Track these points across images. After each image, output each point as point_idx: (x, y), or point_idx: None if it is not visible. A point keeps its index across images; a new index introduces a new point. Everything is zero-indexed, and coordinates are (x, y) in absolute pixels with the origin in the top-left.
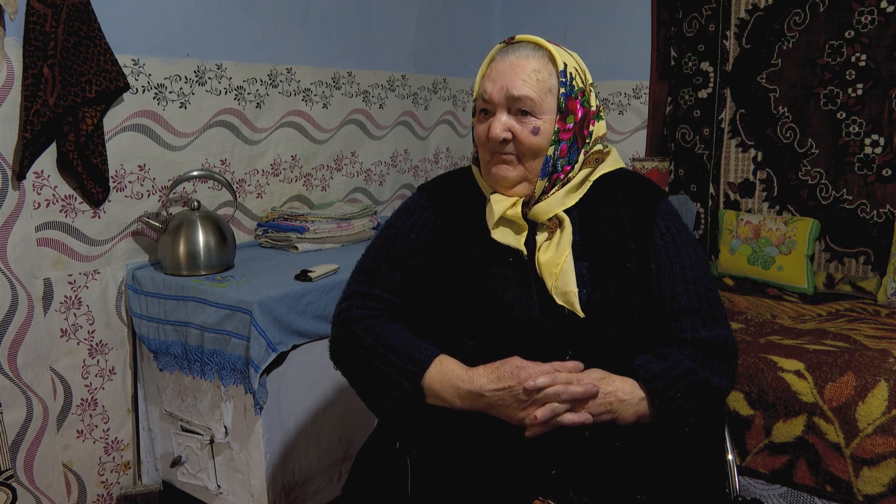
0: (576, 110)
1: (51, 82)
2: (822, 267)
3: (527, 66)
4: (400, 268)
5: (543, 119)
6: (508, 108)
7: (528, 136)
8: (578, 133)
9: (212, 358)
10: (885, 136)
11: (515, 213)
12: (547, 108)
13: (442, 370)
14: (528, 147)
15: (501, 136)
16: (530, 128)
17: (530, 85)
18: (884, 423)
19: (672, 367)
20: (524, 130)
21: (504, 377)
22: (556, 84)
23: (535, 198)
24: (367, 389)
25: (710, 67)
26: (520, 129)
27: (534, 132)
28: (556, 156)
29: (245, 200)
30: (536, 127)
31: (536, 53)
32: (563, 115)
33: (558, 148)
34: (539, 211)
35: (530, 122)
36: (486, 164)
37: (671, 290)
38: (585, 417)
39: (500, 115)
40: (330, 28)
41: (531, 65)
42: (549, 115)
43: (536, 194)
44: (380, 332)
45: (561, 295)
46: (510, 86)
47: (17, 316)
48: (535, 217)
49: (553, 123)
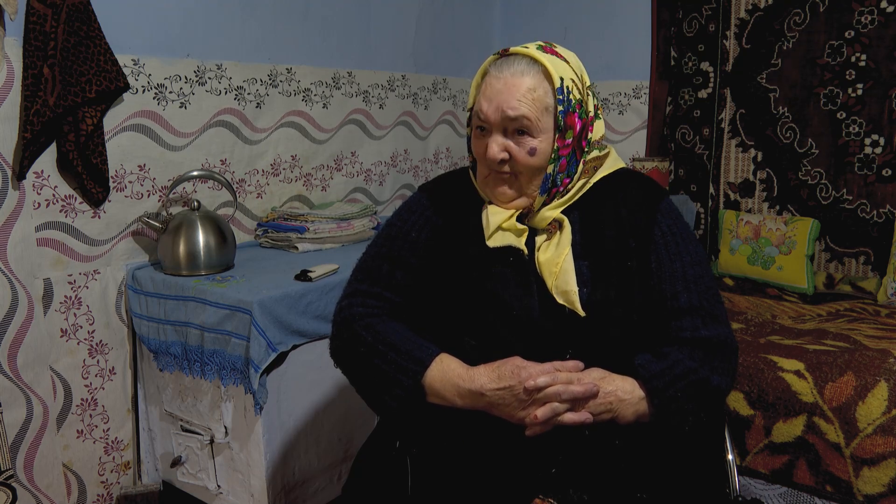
0: (574, 125)
1: (51, 82)
2: (822, 267)
3: (521, 86)
4: (401, 267)
5: (541, 139)
6: (505, 128)
7: (525, 157)
8: (577, 146)
9: (212, 358)
10: (885, 136)
11: (511, 225)
12: (544, 126)
13: (443, 369)
14: (526, 167)
15: (499, 157)
16: (527, 149)
17: (526, 105)
18: (884, 423)
19: (672, 367)
20: (521, 151)
21: (505, 377)
22: (553, 102)
23: (533, 210)
24: (368, 387)
25: (710, 67)
26: (517, 150)
27: (531, 153)
28: (555, 172)
29: (245, 200)
30: (533, 148)
31: (531, 69)
32: (562, 131)
33: (557, 164)
34: (538, 219)
35: (527, 142)
36: (484, 178)
37: (671, 289)
38: (586, 417)
39: (497, 136)
40: (330, 28)
41: (526, 83)
42: (546, 135)
43: (535, 208)
44: (381, 330)
45: (561, 294)
46: (506, 106)
47: (17, 316)
48: (533, 224)
49: (551, 142)
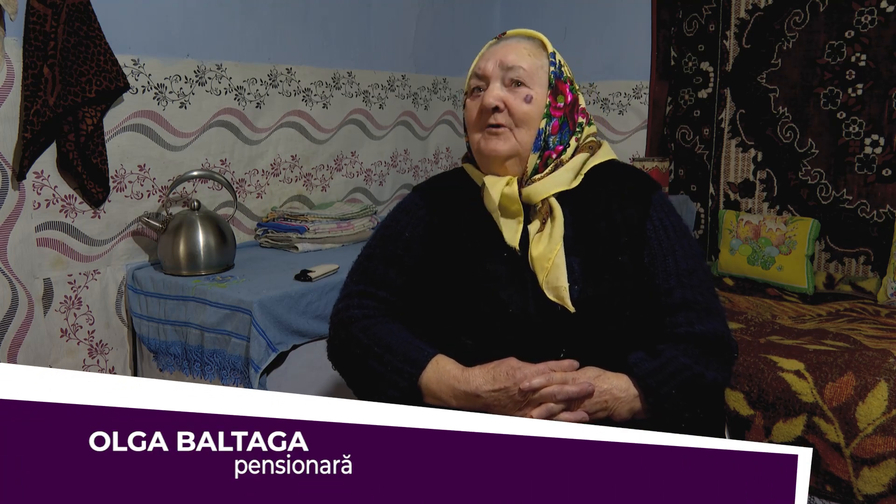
0: (565, 93)
1: (51, 82)
2: (822, 267)
3: (519, 45)
4: (396, 267)
5: (535, 91)
6: (502, 78)
7: (520, 103)
8: (569, 116)
9: (212, 358)
10: (885, 136)
11: (512, 192)
12: (538, 80)
13: (438, 370)
14: (520, 116)
15: (494, 102)
16: (523, 96)
17: (524, 58)
18: (884, 423)
19: (666, 364)
20: (516, 99)
21: (500, 378)
22: (547, 63)
23: (527, 175)
24: (365, 389)
25: (710, 67)
26: (512, 98)
27: (526, 100)
28: (547, 131)
29: (245, 200)
30: (529, 95)
31: (527, 39)
32: (554, 92)
33: (550, 123)
34: (534, 191)
35: (523, 91)
36: (477, 143)
37: (665, 284)
38: (581, 416)
39: (494, 85)
40: (330, 28)
41: (523, 44)
42: (540, 89)
43: (528, 170)
44: (377, 331)
45: (552, 290)
46: (503, 58)
47: (17, 316)
48: (528, 198)
49: (545, 97)
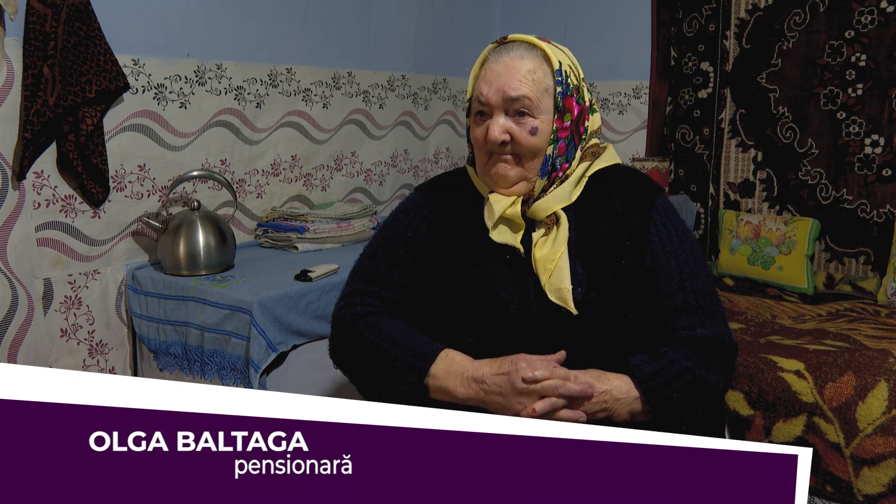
0: (572, 108)
1: (51, 82)
2: (822, 267)
3: (522, 67)
4: (398, 266)
5: (541, 119)
6: (506, 109)
7: (526, 137)
8: (575, 130)
9: (212, 358)
10: (885, 136)
11: (514, 212)
12: (544, 107)
13: (448, 361)
14: (527, 148)
15: (500, 138)
16: (528, 128)
17: (527, 85)
18: (884, 423)
19: (667, 367)
20: (522, 132)
21: (504, 364)
22: (552, 84)
23: (533, 196)
24: (370, 386)
25: (710, 67)
26: (518, 130)
27: (532, 133)
28: (554, 154)
29: (245, 200)
30: (535, 127)
31: (530, 53)
32: (561, 113)
33: (556, 147)
34: (538, 209)
35: (528, 122)
36: (484, 165)
37: (667, 288)
38: (580, 415)
39: (498, 118)
40: (330, 28)
41: (526, 65)
42: (546, 115)
43: (536, 192)
44: (382, 327)
45: (554, 291)
46: (506, 87)
47: (17, 316)
48: (533, 215)
49: (551, 123)
